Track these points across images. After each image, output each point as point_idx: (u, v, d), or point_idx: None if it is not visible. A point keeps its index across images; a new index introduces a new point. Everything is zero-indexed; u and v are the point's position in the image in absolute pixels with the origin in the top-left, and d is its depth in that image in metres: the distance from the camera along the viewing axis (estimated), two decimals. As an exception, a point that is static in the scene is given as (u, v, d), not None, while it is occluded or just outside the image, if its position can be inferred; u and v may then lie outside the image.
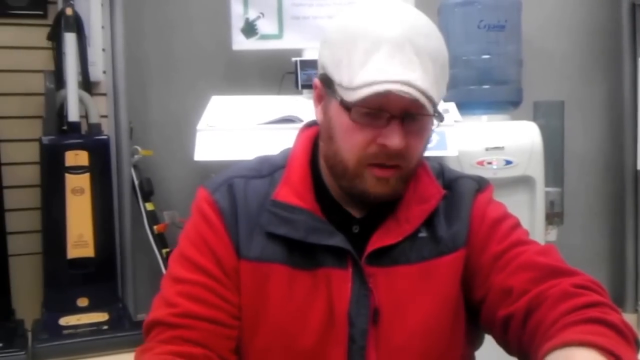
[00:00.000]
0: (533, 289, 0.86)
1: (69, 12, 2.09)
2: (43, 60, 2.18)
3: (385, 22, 0.86)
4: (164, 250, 2.28)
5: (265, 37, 2.34)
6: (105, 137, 2.16)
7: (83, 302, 2.07)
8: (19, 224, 2.18)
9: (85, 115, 2.17)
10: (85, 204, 2.06)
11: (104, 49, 2.31)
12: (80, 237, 2.05)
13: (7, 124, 2.18)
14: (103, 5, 2.29)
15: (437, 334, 0.93)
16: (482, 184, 1.01)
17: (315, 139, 0.99)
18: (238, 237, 0.93)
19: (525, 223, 0.99)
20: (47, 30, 2.16)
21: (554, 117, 2.51)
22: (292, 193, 0.93)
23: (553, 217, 2.42)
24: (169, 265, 0.96)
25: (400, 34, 0.84)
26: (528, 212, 2.25)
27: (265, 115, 2.00)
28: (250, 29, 2.34)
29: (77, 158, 2.05)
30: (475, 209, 0.97)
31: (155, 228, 2.30)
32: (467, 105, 2.26)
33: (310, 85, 1.16)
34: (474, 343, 1.03)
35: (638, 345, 0.79)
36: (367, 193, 0.90)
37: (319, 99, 0.95)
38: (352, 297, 0.91)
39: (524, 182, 2.25)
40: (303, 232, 0.91)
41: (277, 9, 2.33)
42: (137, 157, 2.37)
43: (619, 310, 0.82)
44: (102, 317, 2.03)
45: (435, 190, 0.97)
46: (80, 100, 2.12)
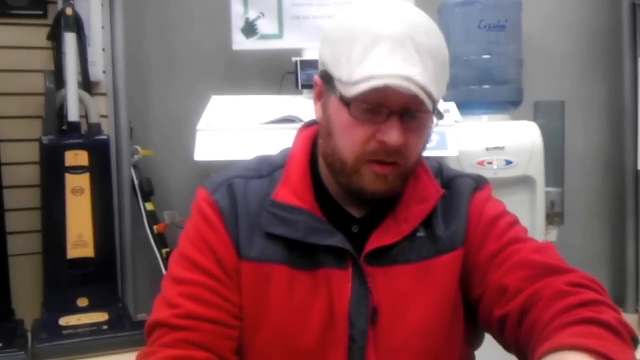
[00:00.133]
0: (528, 288, 0.86)
1: (69, 12, 2.09)
2: (43, 60, 2.19)
3: (386, 19, 0.86)
4: (164, 251, 2.28)
5: (266, 37, 2.34)
6: (106, 137, 2.16)
7: (83, 302, 2.07)
8: (19, 224, 2.18)
9: (85, 115, 2.17)
10: (85, 204, 2.06)
11: (104, 49, 2.31)
12: (80, 237, 2.06)
13: (7, 124, 2.18)
14: (103, 5, 2.29)
15: (436, 334, 0.93)
16: (480, 183, 1.01)
17: (315, 139, 0.99)
18: (239, 237, 0.92)
19: (526, 223, 0.99)
20: (47, 30, 2.17)
21: (555, 117, 2.51)
22: (291, 193, 0.93)
23: (553, 217, 2.41)
24: (170, 266, 0.96)
25: (401, 32, 0.84)
26: (528, 212, 2.25)
27: (266, 116, 2.00)
28: (251, 29, 2.34)
29: (77, 158, 2.05)
30: (473, 207, 0.97)
31: (156, 228, 2.30)
32: (467, 106, 2.26)
33: (311, 86, 1.15)
34: (474, 343, 1.02)
35: (636, 343, 0.78)
36: (364, 190, 0.90)
37: (319, 96, 0.95)
38: (352, 297, 0.91)
39: (525, 182, 2.25)
40: (303, 232, 0.91)
41: (277, 9, 2.33)
42: (137, 157, 2.37)
43: (616, 307, 0.81)
44: (102, 317, 2.03)
45: (435, 190, 0.97)
46: (81, 100, 2.12)
